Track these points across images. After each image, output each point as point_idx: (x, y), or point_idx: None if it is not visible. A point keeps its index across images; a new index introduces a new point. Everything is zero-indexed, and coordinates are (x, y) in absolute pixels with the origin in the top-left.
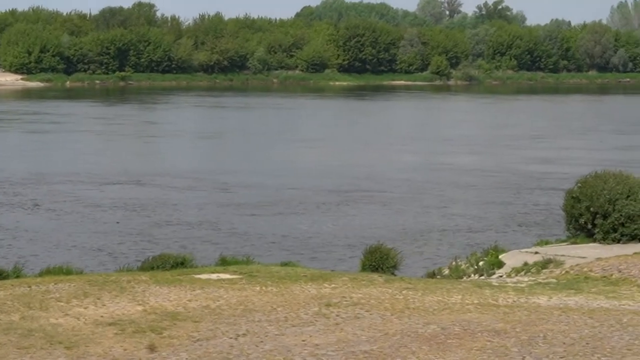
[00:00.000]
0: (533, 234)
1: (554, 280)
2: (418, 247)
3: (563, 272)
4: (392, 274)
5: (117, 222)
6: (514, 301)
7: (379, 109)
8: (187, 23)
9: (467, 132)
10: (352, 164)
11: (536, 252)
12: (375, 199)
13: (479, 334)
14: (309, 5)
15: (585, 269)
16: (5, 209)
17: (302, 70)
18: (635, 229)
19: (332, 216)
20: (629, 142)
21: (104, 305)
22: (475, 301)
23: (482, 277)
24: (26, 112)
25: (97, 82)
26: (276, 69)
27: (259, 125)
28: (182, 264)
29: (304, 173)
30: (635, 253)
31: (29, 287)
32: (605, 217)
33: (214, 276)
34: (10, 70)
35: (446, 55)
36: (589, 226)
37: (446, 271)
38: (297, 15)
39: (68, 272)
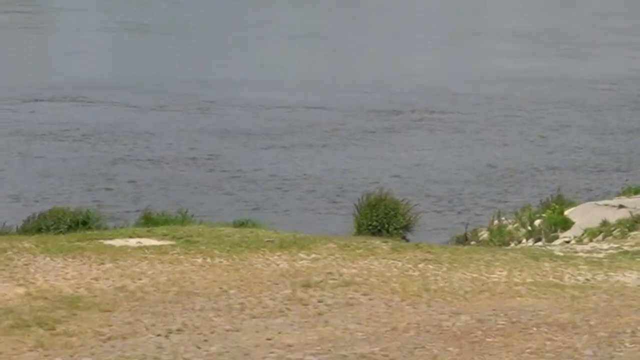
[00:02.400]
0: (617, 178)
1: None
2: (448, 199)
3: None
4: (403, 238)
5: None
6: (587, 279)
7: None
8: None
9: (550, 24)
10: (391, 71)
11: (621, 206)
12: (421, 126)
13: (534, 329)
14: None
15: None
16: None
17: None
18: None
19: (345, 150)
20: None
21: None
22: (529, 280)
23: (539, 243)
24: None
25: None
26: None
27: (225, 14)
28: (84, 223)
29: (324, 86)
30: None
31: None
32: None
33: (132, 242)
34: None
35: None
36: None
37: (485, 234)
38: None
39: None
